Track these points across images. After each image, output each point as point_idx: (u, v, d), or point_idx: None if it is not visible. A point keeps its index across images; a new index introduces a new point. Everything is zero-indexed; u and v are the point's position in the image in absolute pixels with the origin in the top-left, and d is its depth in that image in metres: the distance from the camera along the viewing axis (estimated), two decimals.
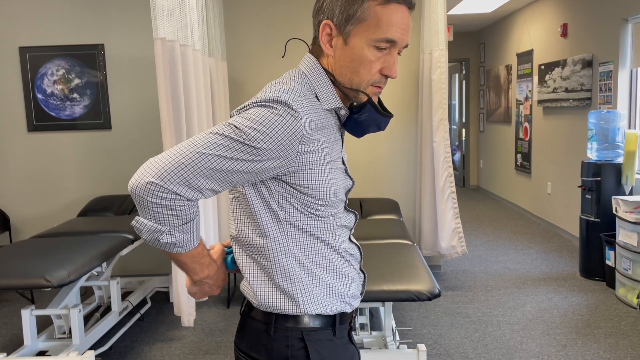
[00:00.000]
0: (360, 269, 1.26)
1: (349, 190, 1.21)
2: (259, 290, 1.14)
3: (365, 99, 1.11)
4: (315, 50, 1.16)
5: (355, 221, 1.25)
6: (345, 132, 1.38)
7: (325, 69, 1.14)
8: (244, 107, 1.07)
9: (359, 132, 1.17)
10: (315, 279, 1.14)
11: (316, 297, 1.14)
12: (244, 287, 1.19)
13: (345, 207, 1.21)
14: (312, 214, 1.12)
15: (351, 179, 1.22)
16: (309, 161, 1.07)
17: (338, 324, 1.17)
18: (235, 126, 1.01)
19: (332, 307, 1.15)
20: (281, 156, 1.03)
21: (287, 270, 1.12)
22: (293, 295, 1.12)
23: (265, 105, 1.03)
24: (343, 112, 1.15)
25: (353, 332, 3.24)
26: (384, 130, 1.19)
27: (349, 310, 1.20)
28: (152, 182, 0.99)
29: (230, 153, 1.00)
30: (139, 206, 1.03)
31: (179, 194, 1.01)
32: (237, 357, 1.21)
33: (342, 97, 1.16)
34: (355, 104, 1.15)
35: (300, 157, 1.05)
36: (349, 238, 1.23)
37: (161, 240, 1.05)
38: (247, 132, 1.00)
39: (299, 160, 1.05)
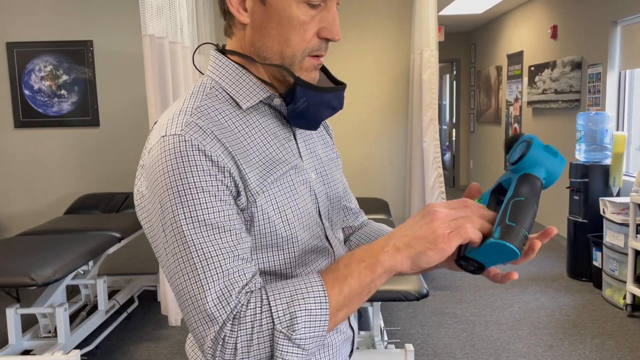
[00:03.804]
0: (350, 325, 1.01)
1: (319, 208, 0.92)
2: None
3: (292, 80, 0.84)
4: (227, 28, 0.89)
5: (334, 259, 0.94)
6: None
7: (239, 54, 0.88)
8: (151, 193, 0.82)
9: (308, 124, 0.89)
10: None
11: None
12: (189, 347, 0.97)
13: (326, 237, 0.93)
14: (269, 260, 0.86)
15: (316, 197, 0.92)
16: (248, 183, 0.81)
17: None
18: (166, 205, 0.78)
19: None
20: (218, 180, 0.78)
21: None
22: None
23: (155, 165, 0.80)
24: (278, 102, 0.88)
25: None
26: (341, 108, 0.90)
27: None
28: (214, 332, 0.75)
29: (197, 219, 0.77)
30: None
31: (229, 299, 0.75)
32: None
33: (274, 81, 0.89)
34: (284, 92, 0.87)
35: (239, 177, 0.81)
36: None
37: None
38: (181, 192, 0.77)
39: (239, 183, 0.80)
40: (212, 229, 0.77)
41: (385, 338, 2.98)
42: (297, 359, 0.75)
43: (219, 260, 0.76)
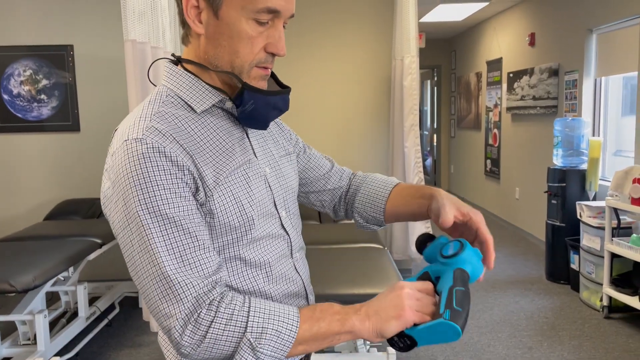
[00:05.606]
0: None
1: (274, 200, 1.01)
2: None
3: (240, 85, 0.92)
4: (185, 37, 0.97)
5: (290, 244, 1.04)
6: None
7: (194, 63, 0.95)
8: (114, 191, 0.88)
9: (257, 124, 0.97)
10: None
11: None
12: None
13: (282, 226, 1.02)
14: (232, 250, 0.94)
15: (271, 187, 1.00)
16: (205, 179, 0.89)
17: None
18: (130, 203, 0.85)
19: None
20: (181, 182, 0.87)
21: None
22: None
23: (120, 169, 0.86)
24: (229, 105, 0.96)
25: None
26: (287, 110, 0.99)
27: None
28: (182, 312, 0.84)
29: (161, 213, 0.85)
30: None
31: (199, 289, 0.84)
32: None
33: (226, 87, 0.97)
34: (233, 97, 0.95)
35: (197, 174, 0.88)
36: (295, 267, 1.04)
37: None
38: (146, 193, 0.84)
39: (197, 180, 0.89)
40: (174, 221, 0.84)
41: (368, 342, 3.00)
42: None
43: (179, 250, 0.84)
